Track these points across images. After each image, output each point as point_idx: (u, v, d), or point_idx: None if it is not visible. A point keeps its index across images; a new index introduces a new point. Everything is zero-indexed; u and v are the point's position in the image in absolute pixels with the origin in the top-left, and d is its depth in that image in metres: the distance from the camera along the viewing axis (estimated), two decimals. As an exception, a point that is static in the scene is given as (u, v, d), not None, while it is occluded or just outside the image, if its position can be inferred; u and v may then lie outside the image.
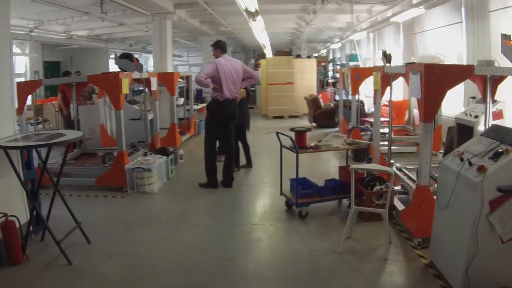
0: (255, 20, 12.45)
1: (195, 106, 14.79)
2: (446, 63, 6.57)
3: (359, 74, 11.14)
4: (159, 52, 14.15)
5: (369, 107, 15.39)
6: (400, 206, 6.38)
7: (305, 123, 17.17)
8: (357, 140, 7.37)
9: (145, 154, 8.66)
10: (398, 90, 15.67)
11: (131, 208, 7.28)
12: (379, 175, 6.60)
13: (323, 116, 16.19)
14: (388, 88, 7.55)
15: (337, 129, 14.35)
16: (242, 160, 9.87)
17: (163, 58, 14.13)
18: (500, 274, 4.13)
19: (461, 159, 4.29)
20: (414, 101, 11.95)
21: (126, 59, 8.91)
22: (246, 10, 10.81)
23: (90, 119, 11.22)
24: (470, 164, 4.12)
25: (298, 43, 29.50)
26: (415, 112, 12.71)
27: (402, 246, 5.51)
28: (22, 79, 13.13)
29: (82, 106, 11.92)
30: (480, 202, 3.86)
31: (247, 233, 6.18)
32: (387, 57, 11.77)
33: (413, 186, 5.97)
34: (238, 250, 5.59)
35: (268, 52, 26.70)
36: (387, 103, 15.14)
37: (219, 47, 8.22)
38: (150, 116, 10.52)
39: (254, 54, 34.98)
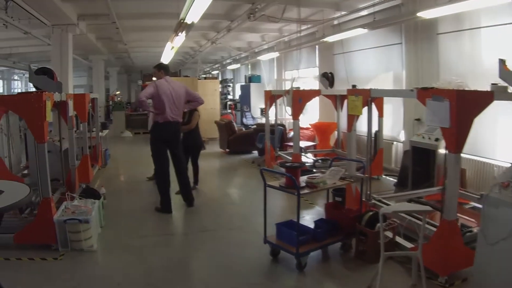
0: (178, 35, 10.84)
1: (100, 133, 12.73)
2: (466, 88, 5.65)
3: (301, 97, 9.97)
4: (60, 70, 11.98)
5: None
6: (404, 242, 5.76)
7: (215, 148, 15.87)
8: (352, 174, 6.45)
9: (71, 198, 6.76)
10: (313, 112, 15.36)
11: (77, 276, 5.31)
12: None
13: (239, 141, 14.85)
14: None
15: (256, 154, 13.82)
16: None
17: (64, 77, 11.96)
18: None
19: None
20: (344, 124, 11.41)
21: (44, 75, 6.93)
22: (181, 22, 9.23)
23: None
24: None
25: (188, 64, 28.31)
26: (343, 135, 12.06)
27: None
28: None
29: None
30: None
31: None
32: (329, 79, 10.88)
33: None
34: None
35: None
36: (306, 126, 14.46)
37: (162, 68, 8.07)
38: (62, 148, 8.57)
39: (141, 75, 33.07)
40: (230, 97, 27.76)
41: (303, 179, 5.66)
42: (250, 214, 7.90)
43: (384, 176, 10.61)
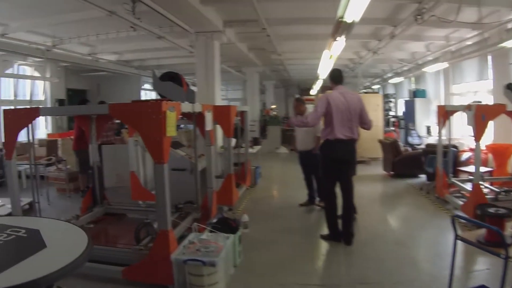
0: (336, 40, 9.45)
1: (250, 150, 11.64)
2: None
3: (485, 113, 7.95)
4: (205, 81, 11.26)
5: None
6: None
7: (378, 170, 13.98)
8: None
9: (201, 229, 5.61)
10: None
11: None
12: None
13: (405, 163, 12.81)
14: None
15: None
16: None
17: (210, 88, 11.25)
18: None
19: None
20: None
21: (171, 81, 5.90)
22: (340, 21, 7.86)
23: (117, 162, 8.65)
24: None
25: (348, 78, 26.90)
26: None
27: None
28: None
29: (109, 145, 9.40)
30: None
31: None
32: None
33: None
34: None
35: (316, 87, 24.08)
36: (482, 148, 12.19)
37: (331, 77, 7.03)
38: (200, 166, 7.64)
39: (299, 89, 32.37)
40: (391, 113, 25.79)
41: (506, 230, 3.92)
42: (421, 260, 6.17)
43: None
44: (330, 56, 12.07)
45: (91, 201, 7.40)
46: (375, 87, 29.50)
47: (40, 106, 5.75)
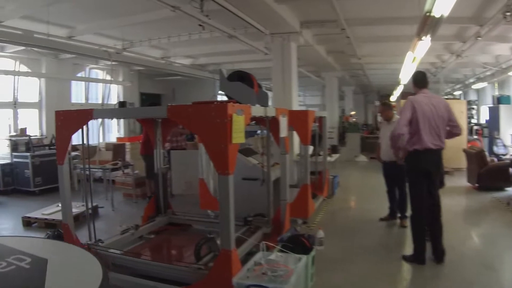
0: (421, 40, 8.70)
1: (328, 158, 10.98)
2: None
3: None
4: (282, 84, 10.73)
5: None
6: None
7: (461, 182, 12.90)
8: None
9: (270, 247, 5.01)
10: None
11: None
12: None
13: (491, 175, 11.71)
14: None
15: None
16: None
17: (286, 92, 10.73)
18: None
19: None
20: None
21: (240, 81, 5.40)
22: (427, 16, 7.15)
23: (187, 169, 8.43)
24: None
25: (429, 84, 25.73)
26: None
27: None
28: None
29: (178, 151, 9.26)
30: None
31: None
32: None
33: None
34: None
35: (396, 93, 23.08)
36: None
37: (415, 80, 6.47)
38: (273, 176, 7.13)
39: (378, 95, 31.45)
40: (473, 121, 24.37)
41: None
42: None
43: None
44: (413, 58, 11.30)
45: (154, 209, 7.03)
46: (457, 93, 28.32)
47: (94, 108, 5.31)
